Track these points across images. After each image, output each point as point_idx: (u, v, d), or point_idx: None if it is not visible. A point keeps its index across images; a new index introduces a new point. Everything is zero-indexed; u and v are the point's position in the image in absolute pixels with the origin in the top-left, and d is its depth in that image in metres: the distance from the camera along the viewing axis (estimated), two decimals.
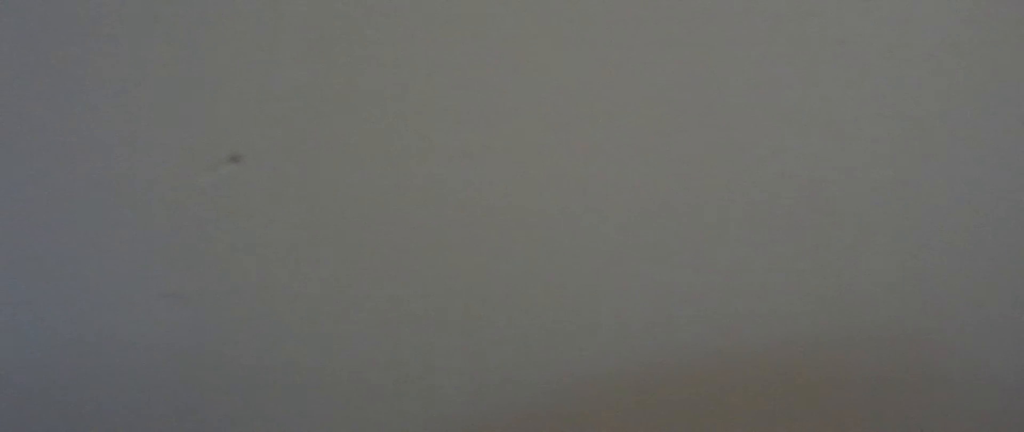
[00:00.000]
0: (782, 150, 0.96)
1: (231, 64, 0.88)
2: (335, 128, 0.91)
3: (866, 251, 1.01)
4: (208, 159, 0.91)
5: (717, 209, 0.97)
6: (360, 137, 0.91)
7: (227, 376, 0.98)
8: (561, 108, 0.93)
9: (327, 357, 0.98)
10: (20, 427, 0.97)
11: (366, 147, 0.92)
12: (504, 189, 0.95)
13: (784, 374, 1.04)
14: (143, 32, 0.86)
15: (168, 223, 0.92)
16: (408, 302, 0.97)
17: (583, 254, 0.98)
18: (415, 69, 0.90)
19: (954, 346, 1.06)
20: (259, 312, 0.96)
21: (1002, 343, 1.06)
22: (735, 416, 1.05)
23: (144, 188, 0.91)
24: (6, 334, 0.94)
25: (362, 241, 0.95)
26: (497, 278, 0.98)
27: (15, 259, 0.92)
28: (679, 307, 1.01)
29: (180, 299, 0.94)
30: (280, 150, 0.91)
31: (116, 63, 0.87)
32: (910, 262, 1.02)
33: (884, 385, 1.06)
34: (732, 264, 0.99)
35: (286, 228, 0.93)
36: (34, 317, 0.94)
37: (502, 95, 0.92)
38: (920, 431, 1.08)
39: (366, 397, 1.00)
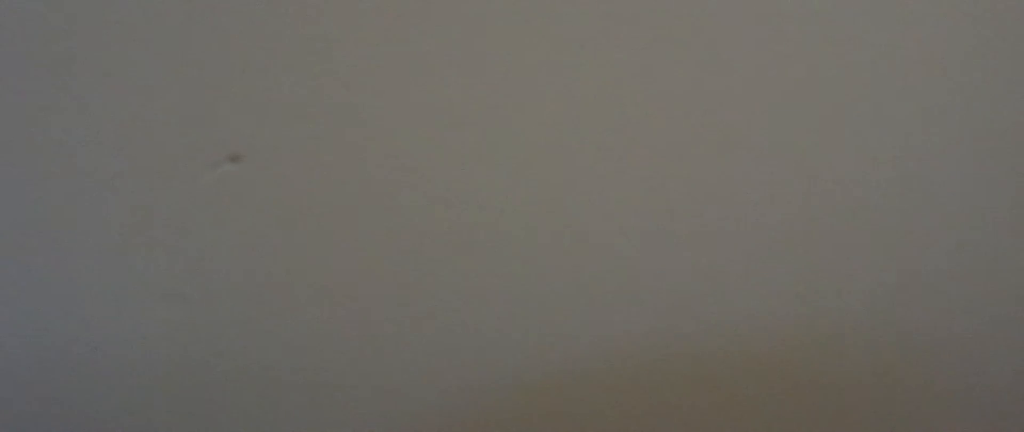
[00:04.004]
0: (782, 150, 0.96)
1: (231, 64, 0.88)
2: (335, 128, 0.91)
3: (866, 251, 1.01)
4: (208, 159, 0.91)
5: (717, 209, 0.98)
6: (360, 137, 0.91)
7: (227, 376, 0.98)
8: (561, 108, 0.93)
9: (327, 357, 0.98)
10: (20, 427, 0.97)
11: (366, 147, 0.92)
12: (504, 189, 0.95)
13: (783, 374, 1.04)
14: (143, 32, 0.86)
15: (168, 223, 0.92)
16: (407, 302, 0.97)
17: (583, 254, 0.98)
18: (415, 69, 0.90)
19: (954, 346, 1.06)
20: (259, 312, 0.96)
21: (1002, 343, 1.06)
22: (734, 416, 1.05)
23: (144, 188, 0.91)
24: (6, 334, 0.94)
25: (362, 241, 0.95)
26: (496, 278, 0.98)
27: (15, 259, 0.92)
28: (679, 307, 1.01)
29: (180, 299, 0.94)
30: (280, 150, 0.91)
31: (116, 63, 0.87)
32: (910, 262, 1.02)
33: (883, 385, 1.06)
34: (732, 264, 1.00)
35: (286, 228, 0.93)
36: (34, 317, 0.94)
37: (502, 95, 0.92)
38: (920, 431, 1.08)
39: (366, 397, 1.00)
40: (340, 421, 1.01)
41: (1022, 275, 1.04)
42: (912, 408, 1.08)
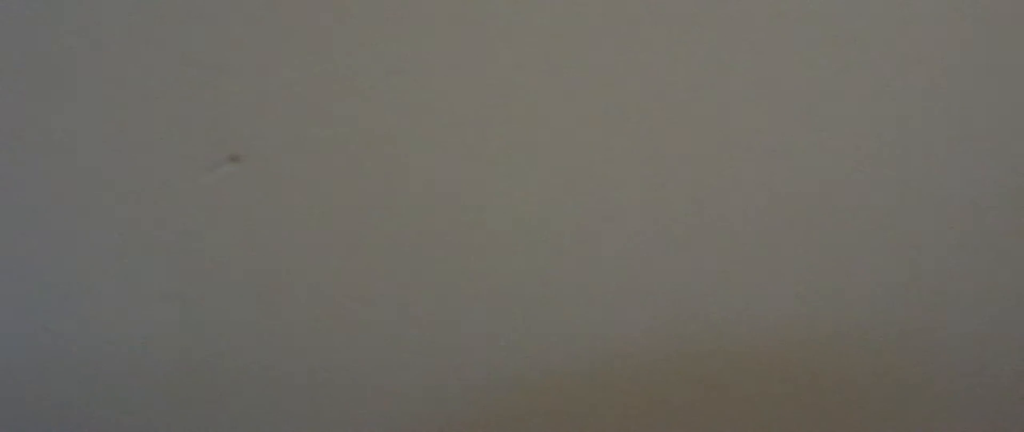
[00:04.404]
0: (782, 150, 0.96)
1: (231, 64, 0.88)
2: (335, 128, 0.91)
3: (866, 251, 1.01)
4: (208, 159, 0.91)
5: (717, 209, 0.98)
6: (360, 137, 0.91)
7: (227, 376, 0.98)
8: (562, 108, 0.93)
9: (327, 357, 0.98)
10: (20, 427, 0.97)
11: (366, 147, 0.92)
12: (504, 189, 0.95)
13: (784, 374, 1.04)
14: (143, 31, 0.86)
15: (168, 223, 0.92)
16: (408, 302, 0.97)
17: (583, 254, 0.98)
18: (415, 69, 0.90)
19: (954, 346, 1.06)
20: (259, 312, 0.96)
21: (1002, 343, 1.06)
22: (734, 416, 1.05)
23: (144, 188, 0.91)
24: (6, 334, 0.94)
25: (362, 241, 0.95)
26: (496, 278, 0.98)
27: (15, 259, 0.92)
28: (679, 307, 1.01)
29: (180, 299, 0.94)
30: (280, 150, 0.91)
31: (116, 63, 0.87)
32: (910, 262, 1.02)
33: (884, 385, 1.06)
34: (732, 264, 1.00)
35: (286, 228, 0.93)
36: (34, 317, 0.94)
37: (502, 95, 0.92)
38: (920, 431, 1.08)
39: (366, 397, 1.00)
40: (340, 421, 1.01)
41: (1022, 275, 1.04)
42: (913, 408, 1.08)
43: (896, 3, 0.93)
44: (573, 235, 0.97)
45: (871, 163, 0.98)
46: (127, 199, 0.91)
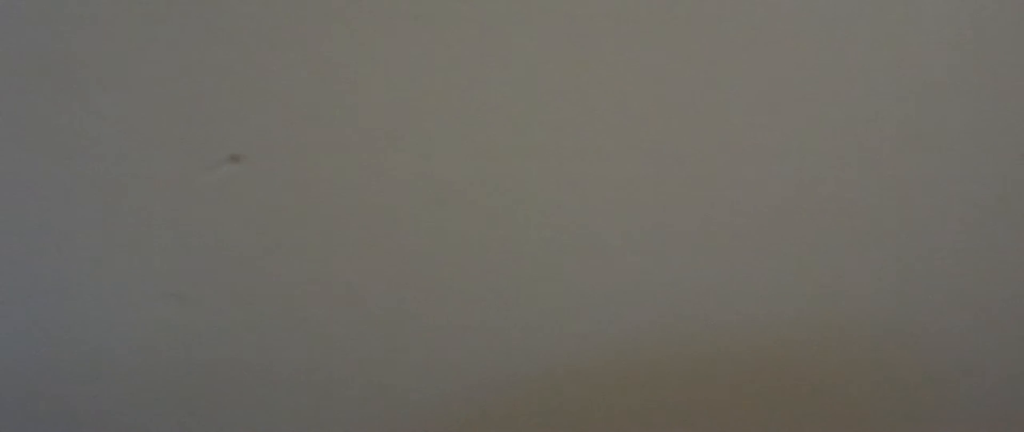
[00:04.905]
0: (782, 150, 0.96)
1: (231, 64, 0.88)
2: (335, 128, 0.91)
3: (866, 251, 1.01)
4: (208, 159, 0.91)
5: (717, 209, 0.98)
6: (360, 137, 0.91)
7: (227, 376, 0.98)
8: (561, 108, 0.93)
9: (327, 357, 0.98)
10: (20, 427, 0.97)
11: (366, 147, 0.92)
12: (504, 189, 0.95)
13: (783, 374, 1.04)
14: (144, 32, 0.86)
15: (168, 223, 0.92)
16: (408, 301, 0.97)
17: (583, 254, 0.98)
18: (415, 69, 0.90)
19: (954, 346, 1.06)
20: (259, 312, 0.96)
21: (1002, 343, 1.06)
22: (734, 416, 1.06)
23: (144, 188, 0.91)
24: (7, 334, 0.94)
25: (362, 241, 0.95)
26: (497, 277, 0.98)
27: (15, 259, 0.92)
28: (678, 307, 1.01)
29: (180, 299, 0.94)
30: (280, 150, 0.91)
31: (116, 63, 0.87)
32: (910, 262, 1.02)
33: (884, 385, 1.06)
34: (732, 264, 1.00)
35: (286, 228, 0.93)
36: (34, 317, 0.94)
37: (502, 95, 0.92)
38: (920, 431, 1.08)
39: (366, 397, 1.00)
40: (340, 421, 1.01)
41: (1022, 275, 1.04)
42: (913, 408, 1.08)
43: (896, 3, 0.93)
44: (574, 235, 0.97)
45: (871, 163, 0.98)
46: (127, 199, 0.91)
